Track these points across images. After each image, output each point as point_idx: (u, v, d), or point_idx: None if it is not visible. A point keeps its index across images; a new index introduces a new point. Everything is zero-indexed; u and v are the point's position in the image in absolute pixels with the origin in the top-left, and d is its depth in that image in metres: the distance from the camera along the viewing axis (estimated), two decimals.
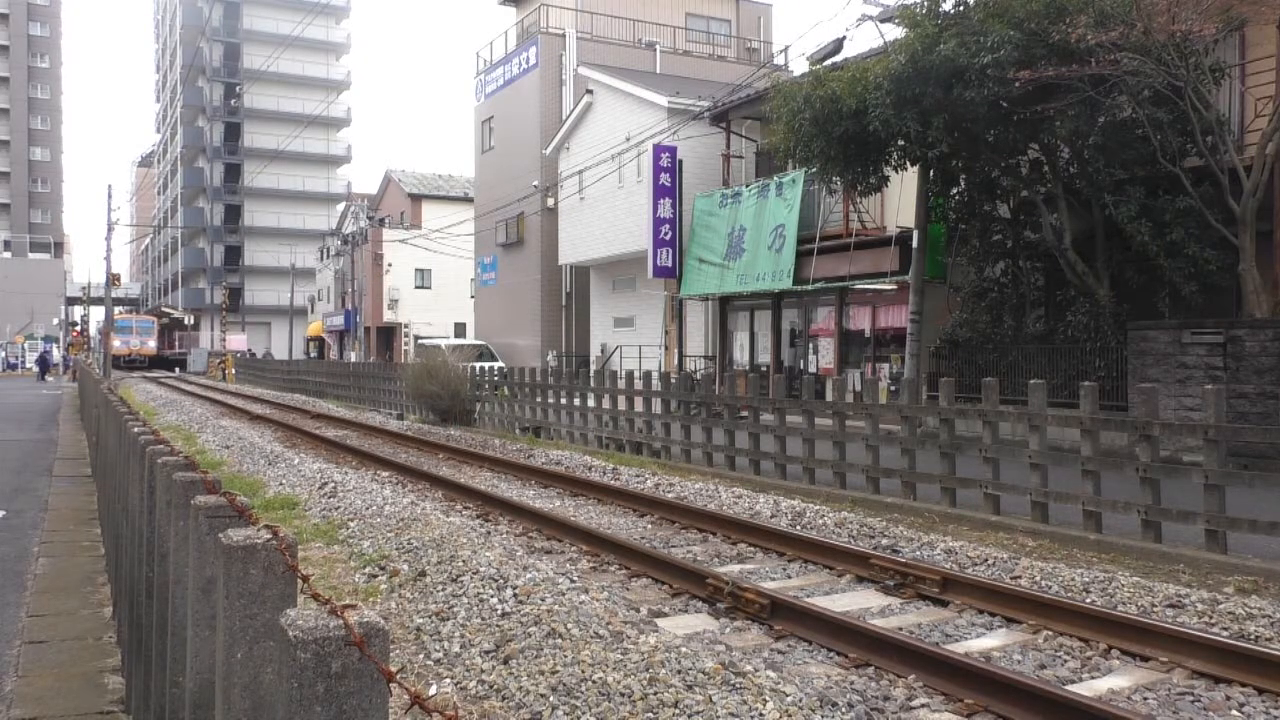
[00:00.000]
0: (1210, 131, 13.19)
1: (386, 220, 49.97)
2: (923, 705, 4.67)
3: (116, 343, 61.50)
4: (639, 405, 15.45)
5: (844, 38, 18.15)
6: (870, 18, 16.78)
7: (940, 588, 6.66)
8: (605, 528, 9.11)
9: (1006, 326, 16.50)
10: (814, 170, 16.87)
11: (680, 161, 24.57)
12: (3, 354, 61.64)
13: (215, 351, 59.65)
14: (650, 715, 4.29)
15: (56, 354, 60.25)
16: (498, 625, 5.60)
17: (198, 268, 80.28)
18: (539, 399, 18.53)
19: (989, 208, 16.89)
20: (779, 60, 32.60)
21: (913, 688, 4.90)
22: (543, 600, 5.83)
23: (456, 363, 22.31)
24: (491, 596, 6.08)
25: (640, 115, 26.86)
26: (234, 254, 78.95)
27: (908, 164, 15.89)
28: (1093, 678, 5.12)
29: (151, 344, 70.48)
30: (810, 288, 20.19)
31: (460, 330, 45.29)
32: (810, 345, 21.91)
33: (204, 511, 2.34)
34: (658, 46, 33.98)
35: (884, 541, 8.40)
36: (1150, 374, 12.73)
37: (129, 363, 66.15)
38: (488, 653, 5.24)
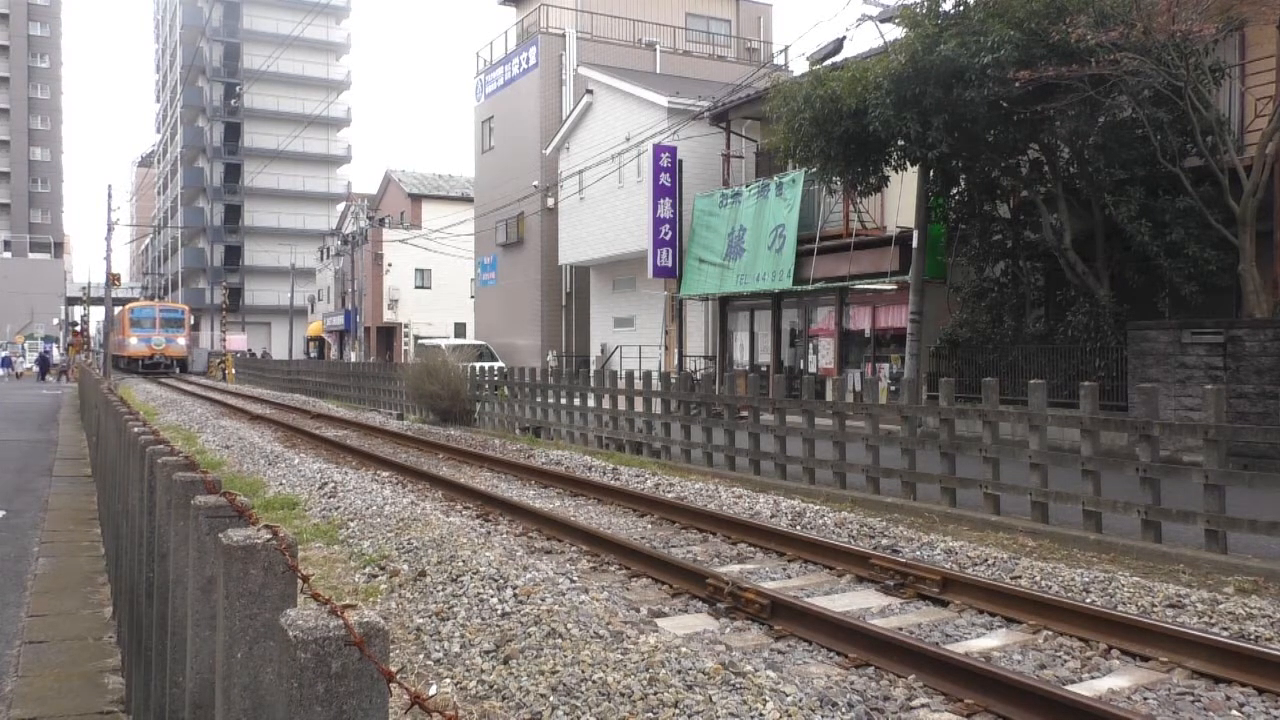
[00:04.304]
0: (1210, 131, 13.19)
1: (386, 220, 49.98)
2: (923, 705, 4.67)
3: (133, 340, 51.46)
4: (639, 405, 15.45)
5: (844, 38, 18.15)
6: (870, 18, 16.77)
7: (940, 588, 6.66)
8: (605, 528, 9.11)
9: (1006, 326, 16.50)
10: (814, 170, 16.87)
11: (680, 161, 24.58)
12: (3, 354, 57.63)
13: (215, 351, 57.68)
14: (650, 715, 4.29)
15: (57, 354, 59.34)
16: (498, 625, 5.60)
17: (198, 268, 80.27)
18: (539, 399, 18.53)
19: (989, 208, 16.89)
20: (779, 60, 32.59)
21: (913, 688, 4.90)
22: (543, 600, 5.83)
23: (456, 363, 22.31)
24: (491, 596, 6.08)
25: (640, 115, 26.86)
26: (234, 254, 78.93)
27: (908, 164, 15.89)
28: (1093, 678, 5.13)
29: (181, 341, 54.33)
30: (810, 288, 20.19)
31: (460, 330, 45.30)
32: (810, 345, 21.90)
33: (204, 511, 2.34)
34: (658, 46, 33.97)
35: (884, 541, 8.40)
36: (1150, 374, 12.73)
37: (149, 365, 51.87)
38: (488, 653, 5.24)
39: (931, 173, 16.11)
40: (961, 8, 14.62)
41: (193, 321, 73.04)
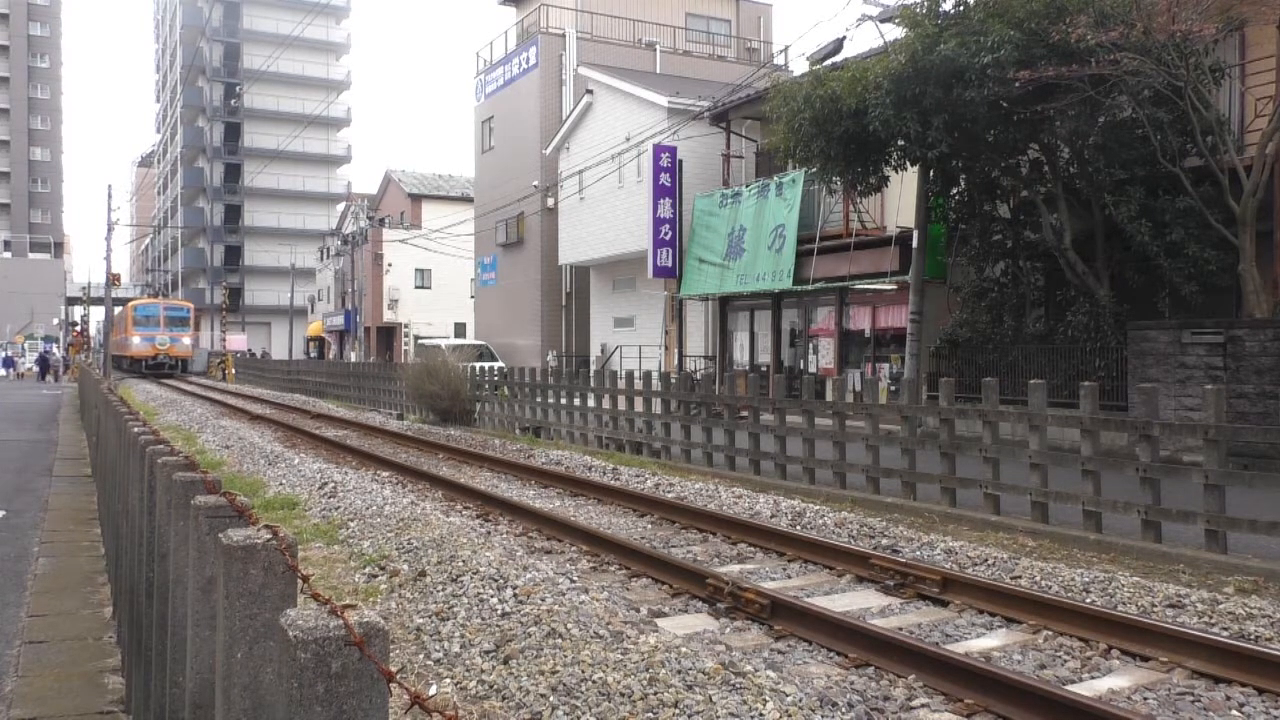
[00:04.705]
0: (1210, 131, 13.19)
1: (386, 220, 49.98)
2: (923, 705, 4.67)
3: (137, 339, 48.78)
4: (639, 405, 15.45)
5: (844, 38, 18.15)
6: (870, 18, 16.77)
7: (940, 588, 6.66)
8: (605, 528, 9.11)
9: (1006, 326, 16.50)
10: (814, 170, 16.87)
11: (680, 161, 24.57)
12: (3, 354, 57.04)
13: (215, 351, 57.40)
14: (650, 715, 4.29)
15: (57, 354, 59.18)
16: (498, 625, 5.60)
17: (198, 268, 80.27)
18: (539, 399, 18.53)
19: (989, 208, 16.89)
20: (779, 60, 32.60)
21: (913, 688, 4.90)
22: (543, 600, 5.83)
23: (456, 363, 22.31)
24: (491, 596, 6.08)
25: (640, 115, 26.86)
26: (234, 254, 78.91)
27: (908, 164, 15.89)
28: (1093, 678, 5.12)
29: (186, 341, 51.25)
30: (810, 288, 20.19)
31: (460, 330, 45.30)
32: (810, 345, 21.91)
33: (204, 511, 2.34)
34: (658, 46, 33.97)
35: (884, 541, 8.40)
36: (1150, 374, 12.73)
37: (153, 365, 48.88)
38: (488, 653, 5.24)
39: (931, 173, 16.11)
40: (961, 8, 14.63)
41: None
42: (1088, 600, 6.35)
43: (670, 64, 33.34)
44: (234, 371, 46.35)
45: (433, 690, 4.86)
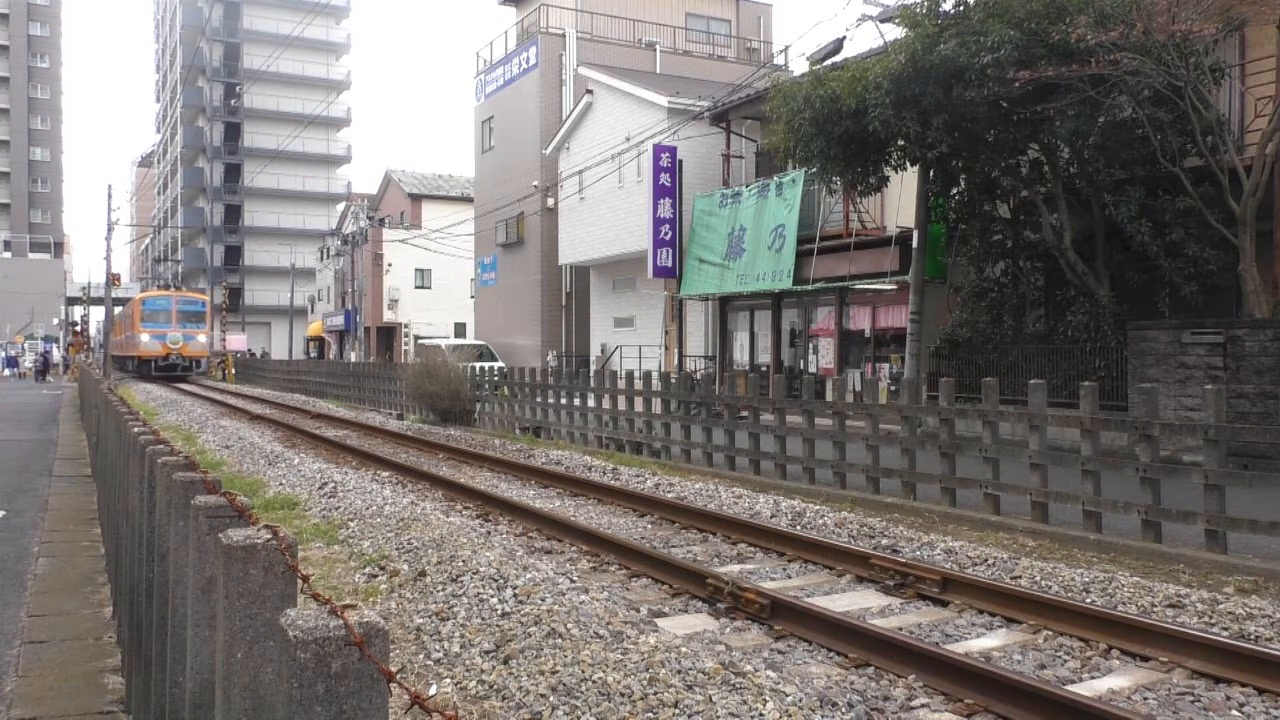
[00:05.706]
0: (1210, 131, 13.19)
1: (386, 220, 49.98)
2: (923, 705, 4.67)
3: (145, 336, 43.59)
4: (639, 405, 15.45)
5: (844, 38, 18.17)
6: (870, 18, 16.78)
7: (940, 588, 6.66)
8: (605, 528, 9.11)
9: (1006, 326, 16.50)
10: (814, 170, 16.87)
11: (680, 161, 24.57)
12: (3, 354, 56.84)
13: (216, 351, 57.54)
14: (650, 715, 4.29)
15: (57, 354, 59.11)
16: (498, 625, 5.60)
17: (198, 268, 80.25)
18: (539, 399, 18.53)
19: (989, 208, 16.89)
20: (779, 60, 32.60)
21: (913, 688, 4.90)
22: (543, 600, 5.83)
23: (456, 363, 22.31)
24: (491, 596, 6.08)
25: (640, 115, 26.86)
26: (234, 254, 78.90)
27: (908, 164, 15.89)
28: (1093, 678, 5.12)
29: (201, 339, 45.96)
30: (810, 288, 20.18)
31: (460, 330, 45.30)
32: (810, 345, 21.90)
33: (204, 511, 2.34)
34: (658, 46, 33.98)
35: (884, 541, 8.40)
36: (1150, 374, 12.73)
37: (164, 367, 43.87)
38: (488, 653, 5.24)
39: (931, 173, 16.11)
40: (961, 8, 14.63)
41: None
42: (1088, 600, 6.35)
43: (670, 64, 33.34)
44: (234, 372, 46.31)
45: (433, 690, 4.86)
